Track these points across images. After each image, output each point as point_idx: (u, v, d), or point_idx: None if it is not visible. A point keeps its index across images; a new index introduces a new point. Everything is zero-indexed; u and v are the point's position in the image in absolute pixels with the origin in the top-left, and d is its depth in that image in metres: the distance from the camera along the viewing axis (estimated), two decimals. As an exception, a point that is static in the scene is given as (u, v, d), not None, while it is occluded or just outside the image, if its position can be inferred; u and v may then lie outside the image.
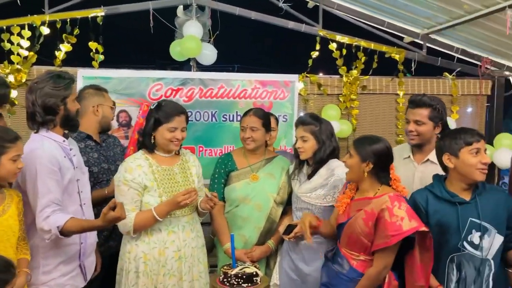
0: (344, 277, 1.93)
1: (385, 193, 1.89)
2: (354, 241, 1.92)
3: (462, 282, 1.87)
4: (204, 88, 3.68)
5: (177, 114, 2.13)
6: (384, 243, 1.80)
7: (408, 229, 1.76)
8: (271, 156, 2.54)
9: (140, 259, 2.08)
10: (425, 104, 2.23)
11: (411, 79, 4.07)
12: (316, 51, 3.86)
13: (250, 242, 2.39)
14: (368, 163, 1.91)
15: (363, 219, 1.88)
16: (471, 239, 1.85)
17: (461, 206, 1.87)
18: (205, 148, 3.72)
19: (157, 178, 2.10)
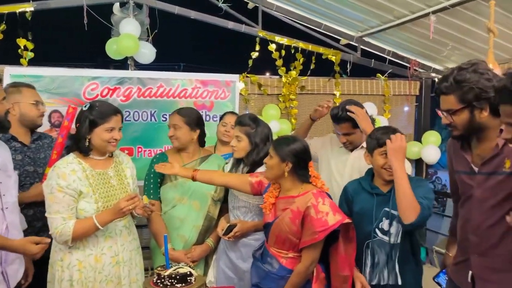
0: (274, 275, 1.97)
1: (307, 190, 1.96)
2: (282, 240, 1.97)
3: (376, 267, 2.01)
4: (143, 88, 3.62)
5: (114, 114, 2.08)
6: (312, 239, 1.86)
7: (334, 223, 1.84)
8: (207, 154, 2.55)
9: (74, 267, 2.01)
10: (345, 119, 2.38)
11: (346, 79, 4.25)
12: (256, 52, 3.92)
13: (190, 242, 2.39)
14: (287, 163, 1.96)
15: (290, 218, 1.93)
16: (382, 226, 2.00)
17: (378, 197, 2.02)
18: (144, 149, 3.65)
19: (92, 183, 2.03)
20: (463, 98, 1.56)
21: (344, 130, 2.41)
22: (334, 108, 2.45)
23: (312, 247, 1.89)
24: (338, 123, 2.41)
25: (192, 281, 1.80)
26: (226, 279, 2.36)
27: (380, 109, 4.29)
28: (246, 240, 2.31)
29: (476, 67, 1.58)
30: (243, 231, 2.27)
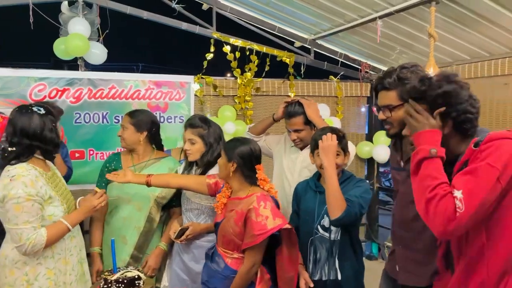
0: (220, 275, 1.99)
1: (253, 193, 1.98)
2: (228, 241, 1.99)
3: (318, 263, 2.07)
4: (94, 89, 3.53)
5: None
6: (251, 242, 1.88)
7: (272, 227, 1.86)
8: (159, 156, 2.53)
9: (44, 276, 1.92)
10: (297, 113, 2.44)
11: (301, 81, 4.34)
12: (211, 53, 3.92)
13: (131, 243, 2.35)
14: (233, 163, 1.99)
15: (234, 220, 1.95)
16: (323, 223, 2.06)
17: (320, 195, 2.09)
18: (96, 152, 3.57)
19: (54, 187, 1.97)
20: (403, 95, 1.64)
21: (295, 126, 2.45)
22: (288, 104, 2.52)
23: (253, 249, 1.91)
24: (289, 117, 2.47)
25: (141, 285, 1.78)
26: (179, 281, 2.34)
27: (333, 110, 4.41)
28: (199, 242, 2.30)
29: (415, 69, 1.70)
30: (195, 233, 2.27)
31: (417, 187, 1.35)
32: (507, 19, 2.95)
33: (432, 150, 1.33)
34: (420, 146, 1.37)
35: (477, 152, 1.29)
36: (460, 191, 1.24)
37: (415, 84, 1.43)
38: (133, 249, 2.35)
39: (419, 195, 1.33)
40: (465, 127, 1.39)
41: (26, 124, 1.91)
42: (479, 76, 3.59)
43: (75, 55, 3.43)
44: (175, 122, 3.84)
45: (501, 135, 1.30)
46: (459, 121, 1.38)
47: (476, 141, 1.32)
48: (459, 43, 3.55)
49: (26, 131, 1.90)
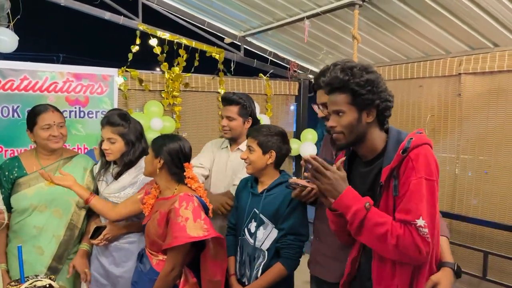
0: (145, 277, 1.91)
1: (179, 192, 1.91)
2: (151, 242, 1.92)
3: (242, 264, 2.05)
4: (3, 79, 3.21)
5: None
6: (169, 243, 1.81)
7: (193, 235, 1.79)
8: (70, 155, 2.32)
9: None
10: (234, 102, 2.43)
11: (230, 78, 4.31)
12: (137, 46, 3.74)
13: (48, 254, 2.14)
14: (160, 159, 1.92)
15: (157, 220, 1.88)
16: (250, 227, 2.03)
17: (253, 197, 2.06)
18: (6, 149, 3.25)
19: None
20: None
21: (229, 113, 2.43)
22: (227, 92, 2.50)
23: (172, 252, 1.83)
24: (226, 104, 2.46)
25: (53, 294, 1.63)
26: (98, 286, 2.20)
27: (262, 108, 4.44)
28: (119, 243, 2.17)
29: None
30: (113, 233, 2.14)
31: (373, 240, 1.38)
32: (422, 24, 3.16)
33: (366, 204, 1.38)
34: (351, 209, 1.38)
35: (407, 161, 1.36)
36: (421, 218, 1.31)
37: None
38: (51, 260, 2.13)
39: (380, 246, 1.37)
40: (385, 115, 1.46)
41: None
42: (397, 78, 3.82)
43: (-21, 41, 3.08)
44: (97, 117, 3.61)
45: (421, 140, 1.38)
46: (381, 109, 1.44)
47: (404, 148, 1.37)
48: (380, 46, 3.74)
49: None
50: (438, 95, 3.54)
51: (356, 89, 1.41)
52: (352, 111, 1.44)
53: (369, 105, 1.43)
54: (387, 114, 1.47)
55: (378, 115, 1.45)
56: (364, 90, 1.41)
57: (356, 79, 1.41)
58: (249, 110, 2.49)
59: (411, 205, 1.32)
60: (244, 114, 2.46)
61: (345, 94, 1.44)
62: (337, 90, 1.46)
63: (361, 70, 1.43)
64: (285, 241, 1.92)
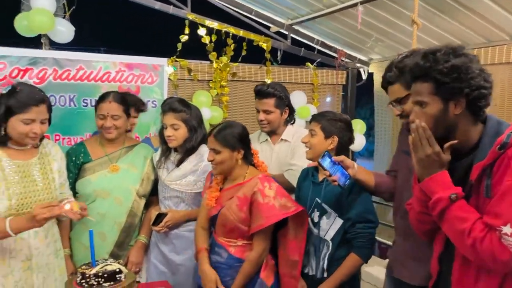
0: (223, 265, 1.91)
1: (253, 176, 1.93)
2: (230, 229, 1.91)
3: (306, 255, 2.00)
4: (60, 69, 3.29)
5: (35, 104, 1.77)
6: (259, 225, 1.83)
7: (284, 212, 1.82)
8: (132, 144, 2.35)
9: None
10: (270, 94, 2.38)
11: (277, 67, 4.25)
12: (186, 35, 3.74)
13: (110, 240, 2.18)
14: (239, 150, 1.91)
15: (237, 206, 1.88)
16: (313, 216, 1.98)
17: (314, 186, 2.01)
18: (63, 137, 3.34)
19: (6, 176, 1.77)
20: (408, 84, 1.57)
21: (265, 106, 2.38)
22: (259, 84, 2.44)
23: (262, 233, 1.86)
24: (261, 98, 2.40)
25: (122, 279, 1.65)
26: (158, 274, 2.22)
27: (309, 98, 4.36)
28: (179, 231, 2.19)
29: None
30: (174, 220, 2.15)
31: (451, 233, 1.28)
32: (485, 7, 2.97)
33: (452, 195, 1.25)
34: (435, 196, 1.27)
35: (505, 159, 1.20)
36: (508, 226, 1.15)
37: (417, 61, 1.31)
38: (113, 247, 2.18)
39: (458, 241, 1.26)
40: (479, 105, 1.28)
41: None
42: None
43: (39, 31, 3.17)
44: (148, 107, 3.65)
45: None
46: (472, 98, 1.26)
47: (502, 143, 1.21)
48: (437, 32, 3.56)
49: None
50: (501, 83, 3.34)
51: (438, 78, 1.26)
52: (436, 101, 1.28)
53: (456, 94, 1.26)
54: (481, 103, 1.28)
55: (469, 105, 1.27)
56: (448, 78, 1.25)
57: (439, 65, 1.26)
58: (286, 101, 2.45)
59: (500, 209, 1.18)
60: (281, 105, 2.42)
61: (428, 83, 1.29)
62: (419, 79, 1.32)
63: (446, 55, 1.27)
64: (354, 231, 1.87)
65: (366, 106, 12.54)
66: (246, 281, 1.87)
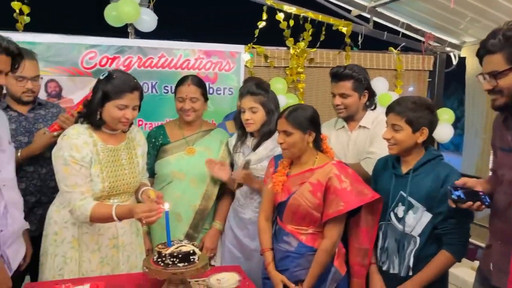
0: (293, 254, 1.86)
1: (325, 162, 1.86)
2: (302, 216, 1.85)
3: (385, 251, 1.86)
4: (143, 57, 3.44)
5: (130, 90, 1.86)
6: (337, 211, 1.76)
7: (362, 198, 1.76)
8: (208, 128, 2.39)
9: (69, 243, 1.89)
10: (347, 76, 2.22)
11: (357, 52, 4.05)
12: (263, 21, 3.71)
13: (185, 221, 2.24)
14: (310, 132, 1.84)
15: (310, 192, 1.82)
16: (397, 211, 1.83)
17: (396, 178, 1.86)
18: (145, 122, 3.49)
19: (101, 160, 1.88)
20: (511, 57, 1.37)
21: (342, 90, 2.22)
22: (336, 66, 2.29)
23: (336, 220, 1.80)
24: (337, 81, 2.24)
25: (196, 261, 1.67)
26: (232, 259, 2.24)
27: (391, 85, 4.10)
28: (254, 217, 2.17)
29: None
30: (251, 176, 2.14)
31: None
32: None
33: None
34: None
35: None
36: None
37: None
38: (188, 228, 2.24)
39: None
40: None
41: None
42: None
43: (126, 21, 3.34)
44: (224, 94, 3.69)
45: None
46: None
47: None
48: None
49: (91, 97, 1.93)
50: None
51: None
52: None
53: None
54: None
55: None
56: None
57: None
58: (365, 83, 2.25)
59: None
60: (360, 88, 2.23)
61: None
62: None
63: None
64: (446, 226, 1.71)
65: (453, 96, 11.60)
66: (321, 271, 1.81)
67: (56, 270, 1.89)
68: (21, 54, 1.67)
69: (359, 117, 2.31)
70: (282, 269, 1.88)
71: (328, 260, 1.81)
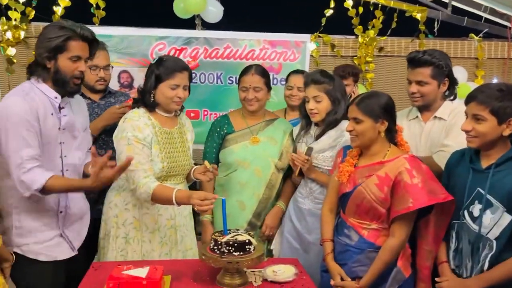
0: (352, 249, 1.76)
1: (397, 155, 1.72)
2: (365, 210, 1.75)
3: (459, 253, 1.69)
4: (210, 48, 3.49)
5: (179, 70, 1.95)
6: (406, 208, 1.63)
7: (433, 197, 1.62)
8: (272, 117, 2.37)
9: (131, 224, 1.97)
10: (426, 63, 2.01)
11: (433, 40, 3.81)
12: (331, 9, 3.59)
13: (249, 210, 2.23)
14: (382, 121, 1.72)
15: (376, 185, 1.71)
16: (472, 209, 1.65)
17: (474, 173, 1.67)
18: (210, 112, 3.56)
19: (160, 141, 1.97)
20: None
21: (419, 77, 2.01)
22: (414, 51, 2.09)
23: (406, 218, 1.67)
24: (414, 67, 2.04)
25: (251, 250, 1.65)
26: (290, 249, 2.19)
27: (471, 74, 3.78)
28: (313, 208, 2.12)
29: None
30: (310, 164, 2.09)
31: None
32: None
33: None
34: None
35: None
36: None
37: None
38: (251, 216, 2.23)
39: None
40: None
41: None
42: None
43: (193, 12, 3.41)
44: (289, 85, 3.64)
45: None
46: None
47: None
48: None
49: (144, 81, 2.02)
50: None
51: None
52: None
53: None
54: None
55: None
56: None
57: None
58: (446, 70, 2.03)
59: None
60: (439, 76, 2.01)
61: None
62: None
63: None
64: None
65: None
66: (383, 269, 1.70)
67: (118, 251, 1.98)
68: (95, 39, 1.78)
69: (436, 107, 2.10)
70: (340, 263, 1.79)
71: (392, 259, 1.69)
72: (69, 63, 1.71)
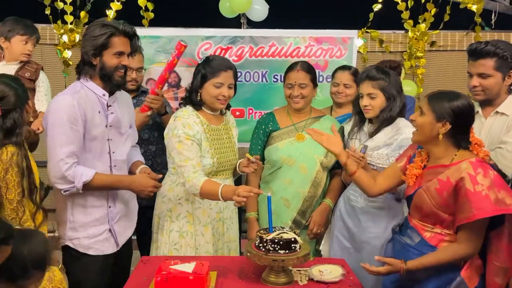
0: (412, 249, 1.66)
1: (465, 159, 1.58)
2: (426, 214, 1.65)
3: None
4: (255, 47, 3.50)
5: (224, 69, 2.00)
6: (466, 217, 1.51)
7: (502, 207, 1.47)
8: (318, 115, 2.33)
9: (184, 218, 2.04)
10: (489, 54, 1.88)
11: (490, 33, 3.59)
12: (379, 3, 3.48)
13: (294, 207, 2.21)
14: (445, 122, 1.59)
15: (436, 189, 1.60)
16: None
17: None
18: (255, 110, 3.57)
19: (208, 138, 2.03)
20: None
21: (481, 69, 1.90)
22: (475, 42, 1.99)
23: (473, 228, 1.53)
24: (476, 58, 1.92)
25: (297, 249, 1.63)
26: (341, 249, 2.14)
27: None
28: (366, 206, 2.06)
29: None
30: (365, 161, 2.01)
31: None
32: None
33: None
34: None
35: None
36: None
37: None
38: (296, 214, 2.21)
39: None
40: None
41: None
42: None
43: (239, 11, 3.42)
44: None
45: None
46: None
47: None
48: None
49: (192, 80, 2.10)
50: None
51: None
52: None
53: None
54: None
55: None
56: None
57: None
58: (511, 62, 1.90)
59: None
60: (504, 68, 1.87)
61: None
62: None
63: None
64: None
65: None
66: (430, 266, 1.58)
67: (172, 245, 2.04)
68: (136, 35, 1.86)
69: (499, 102, 1.97)
70: None
71: (447, 262, 1.57)
72: (113, 58, 1.80)
